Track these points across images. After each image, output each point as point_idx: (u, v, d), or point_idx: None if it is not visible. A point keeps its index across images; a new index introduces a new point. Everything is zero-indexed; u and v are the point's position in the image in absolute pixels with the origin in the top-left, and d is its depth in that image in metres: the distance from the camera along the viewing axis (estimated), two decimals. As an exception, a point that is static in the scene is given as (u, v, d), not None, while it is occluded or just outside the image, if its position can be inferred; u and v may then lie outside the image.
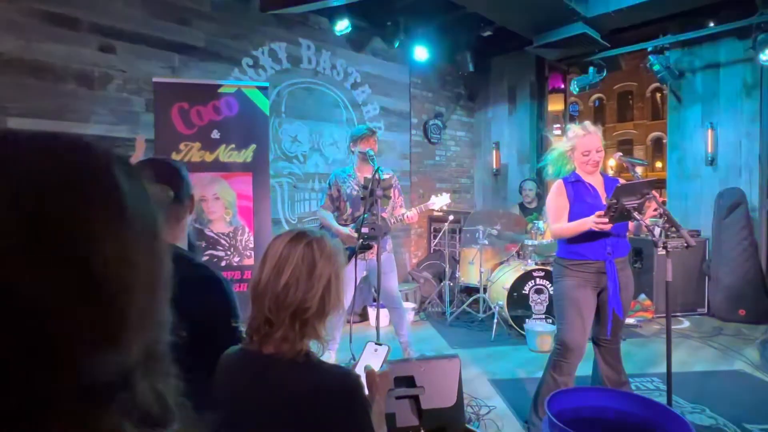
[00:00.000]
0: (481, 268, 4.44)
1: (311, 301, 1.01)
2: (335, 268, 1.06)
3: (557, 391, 1.87)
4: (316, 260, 1.03)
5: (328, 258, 1.05)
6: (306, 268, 1.01)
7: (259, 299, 1.02)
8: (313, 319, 1.01)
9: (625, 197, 2.02)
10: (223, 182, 3.27)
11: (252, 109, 3.33)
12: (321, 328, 1.04)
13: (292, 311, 0.99)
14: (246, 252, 3.32)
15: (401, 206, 3.50)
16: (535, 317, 4.04)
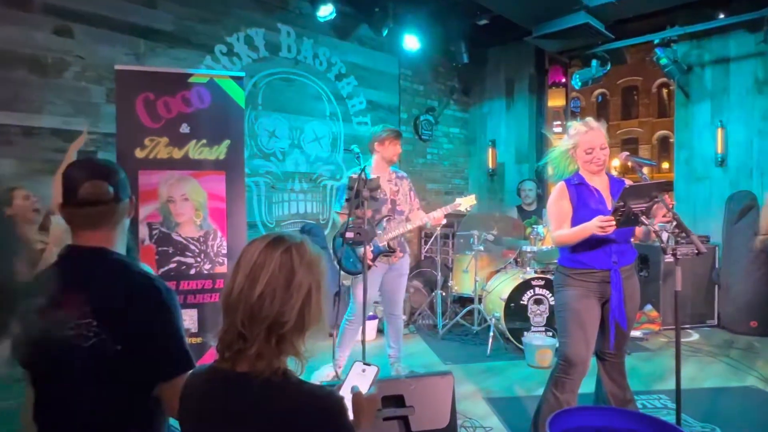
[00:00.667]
0: (476, 276, 4.46)
1: (289, 314, 1.00)
2: (316, 278, 1.05)
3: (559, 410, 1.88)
4: (295, 268, 1.02)
5: (309, 266, 1.04)
6: (283, 277, 1.00)
7: (231, 311, 1.00)
8: (291, 334, 1.00)
9: (633, 200, 2.03)
10: (193, 181, 3.22)
11: (225, 101, 3.29)
12: (300, 343, 1.03)
13: (267, 325, 0.98)
14: (218, 259, 3.28)
15: (418, 208, 3.51)
16: (534, 330, 4.06)
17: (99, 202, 1.24)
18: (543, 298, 4.10)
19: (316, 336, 1.06)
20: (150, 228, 3.11)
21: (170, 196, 3.16)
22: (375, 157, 3.38)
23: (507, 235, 4.80)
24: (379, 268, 3.30)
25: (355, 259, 3.29)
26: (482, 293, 4.56)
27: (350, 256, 3.28)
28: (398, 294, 3.42)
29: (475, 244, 4.46)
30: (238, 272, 1.02)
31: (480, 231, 4.49)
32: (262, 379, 0.99)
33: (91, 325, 1.15)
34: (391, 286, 3.37)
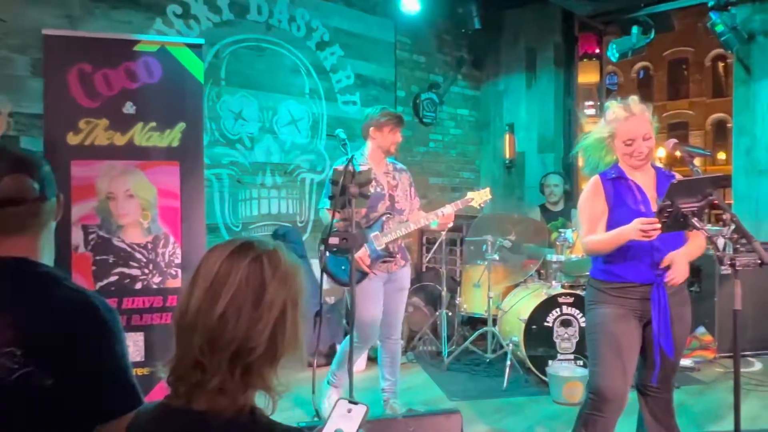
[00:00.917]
0: (490, 292, 4.47)
1: (258, 338, 0.99)
2: (293, 294, 1.05)
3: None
4: (265, 282, 1.02)
5: (283, 279, 1.04)
6: (252, 292, 1.00)
7: (186, 335, 1.00)
8: (260, 363, 1.00)
9: (682, 198, 2.05)
10: (140, 174, 3.21)
11: (180, 75, 3.28)
12: (271, 375, 1.03)
13: (231, 352, 0.98)
14: (170, 270, 3.27)
15: (419, 208, 3.58)
16: (561, 358, 4.08)
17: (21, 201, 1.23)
18: (572, 319, 4.12)
19: (291, 366, 1.06)
20: (85, 232, 3.09)
21: (111, 192, 3.14)
22: (369, 145, 3.41)
23: (528, 241, 4.81)
24: (378, 278, 3.31)
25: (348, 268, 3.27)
26: (497, 313, 4.57)
27: (343, 262, 3.28)
28: (398, 312, 3.45)
29: (489, 253, 4.47)
30: (195, 286, 1.02)
31: (494, 236, 4.50)
32: (224, 419, 0.98)
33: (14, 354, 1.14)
34: (389, 303, 3.38)
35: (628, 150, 2.37)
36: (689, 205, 2.06)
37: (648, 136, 2.37)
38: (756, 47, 5.27)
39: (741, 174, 5.39)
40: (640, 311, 2.36)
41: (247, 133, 4.73)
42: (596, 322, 2.40)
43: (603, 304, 2.39)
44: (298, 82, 5.08)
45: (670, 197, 2.04)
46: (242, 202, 4.72)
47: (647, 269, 2.33)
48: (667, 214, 2.07)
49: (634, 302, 2.35)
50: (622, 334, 2.34)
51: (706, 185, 2.08)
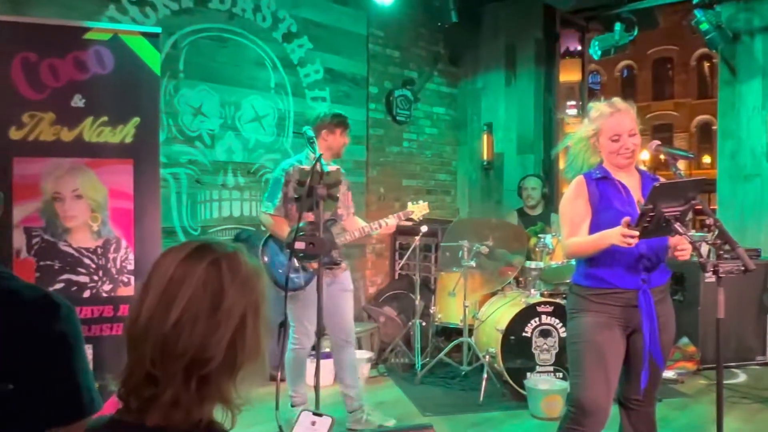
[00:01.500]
0: (466, 301, 4.50)
1: (215, 348, 0.99)
2: (254, 300, 1.05)
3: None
4: (224, 287, 1.01)
5: (244, 284, 1.04)
6: (209, 298, 1.00)
7: (138, 345, 1.00)
8: (218, 374, 1.00)
9: (664, 202, 2.09)
10: (89, 173, 3.17)
11: (135, 66, 3.24)
12: (230, 388, 1.02)
13: (186, 363, 0.98)
14: (122, 277, 3.23)
15: (353, 213, 3.72)
16: (540, 370, 4.12)
17: None
18: (551, 330, 4.17)
19: (252, 378, 1.06)
20: (28, 235, 3.04)
21: (57, 192, 3.10)
22: (319, 146, 3.49)
23: (506, 247, 4.85)
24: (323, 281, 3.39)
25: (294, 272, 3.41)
26: (473, 323, 4.61)
27: (280, 265, 3.41)
28: (348, 314, 3.58)
29: (465, 259, 4.51)
30: (147, 292, 1.02)
31: (471, 242, 4.54)
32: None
33: None
34: (337, 304, 3.52)
35: (615, 147, 2.41)
36: (672, 210, 2.11)
37: (633, 132, 2.42)
38: (741, 47, 5.41)
39: (725, 178, 5.53)
40: (624, 319, 2.40)
41: (208, 129, 4.69)
42: (578, 331, 2.44)
43: (585, 311, 2.43)
44: (263, 76, 5.05)
45: (652, 201, 2.08)
46: (202, 204, 4.67)
47: (633, 275, 2.37)
48: (649, 219, 2.11)
49: (618, 309, 2.39)
50: (606, 344, 2.38)
51: (690, 189, 2.13)
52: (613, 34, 5.59)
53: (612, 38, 5.59)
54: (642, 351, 2.38)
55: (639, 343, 2.40)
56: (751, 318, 4.96)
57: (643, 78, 29.38)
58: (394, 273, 6.15)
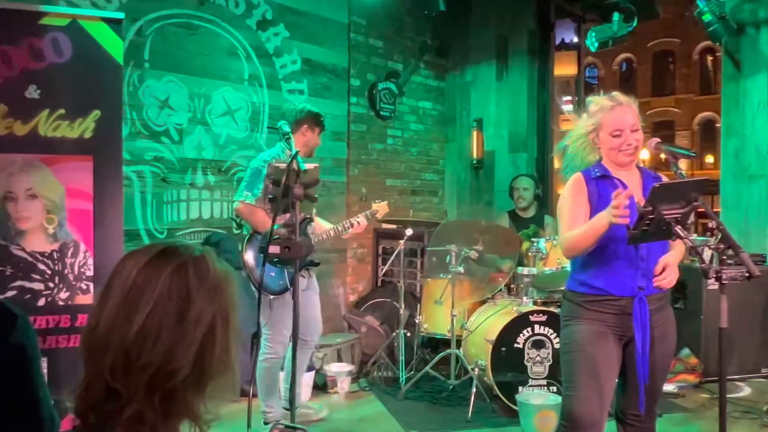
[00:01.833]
0: (454, 309, 4.51)
1: (181, 359, 0.99)
2: (223, 308, 1.05)
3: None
4: (191, 294, 1.02)
5: (212, 291, 1.04)
6: (174, 306, 1.00)
7: (97, 355, 0.99)
8: (184, 388, 1.00)
9: (664, 204, 2.11)
10: (45, 170, 3.16)
11: (95, 55, 3.24)
12: (197, 402, 1.02)
13: (150, 375, 0.98)
14: (80, 284, 3.23)
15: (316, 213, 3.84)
16: (532, 384, 4.14)
17: None
18: (545, 340, 4.19)
19: (221, 392, 1.06)
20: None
21: (9, 191, 3.09)
22: (296, 140, 3.60)
23: (496, 251, 4.87)
24: (302, 285, 3.54)
25: (279, 274, 3.50)
26: (462, 333, 4.61)
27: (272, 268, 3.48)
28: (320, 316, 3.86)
29: (453, 265, 4.52)
30: (107, 299, 1.01)
31: (459, 246, 4.55)
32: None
33: None
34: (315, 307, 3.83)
35: (615, 143, 2.44)
36: (672, 212, 2.13)
37: (636, 128, 2.45)
38: (746, 40, 5.48)
39: (729, 178, 5.59)
40: (620, 328, 2.43)
41: (175, 124, 4.65)
42: (571, 340, 2.46)
43: (579, 320, 2.45)
44: (236, 67, 5.03)
45: (651, 203, 2.10)
46: (168, 205, 4.63)
47: (630, 281, 2.40)
48: (649, 221, 2.13)
49: (613, 318, 2.41)
50: (600, 355, 2.40)
51: (691, 190, 2.15)
52: (611, 25, 5.63)
53: (610, 29, 5.62)
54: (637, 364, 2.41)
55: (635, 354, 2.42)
56: (756, 327, 5.02)
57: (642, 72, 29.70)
58: (376, 279, 6.15)
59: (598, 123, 2.48)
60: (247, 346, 4.29)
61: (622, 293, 2.40)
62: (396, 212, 6.38)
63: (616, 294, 2.41)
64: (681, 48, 28.44)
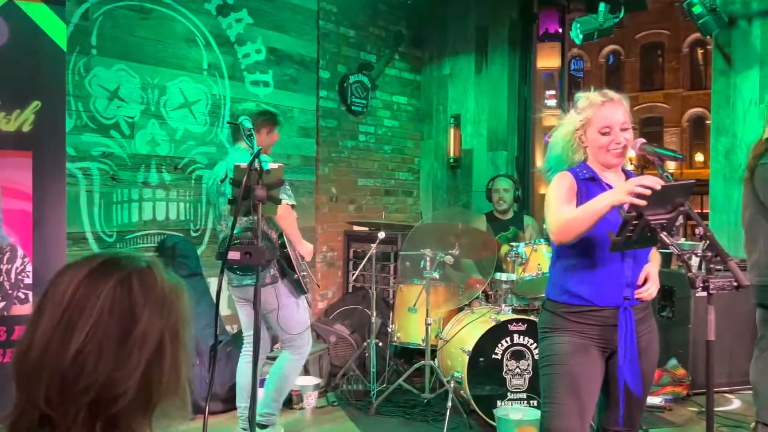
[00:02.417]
0: (429, 318, 4.50)
1: (126, 382, 0.98)
2: (172, 324, 1.05)
3: None
4: (135, 310, 1.01)
5: (160, 305, 1.04)
6: (117, 323, 0.99)
7: (30, 380, 0.98)
8: (129, 413, 0.99)
9: (650, 208, 2.11)
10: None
11: (35, 40, 3.20)
12: (144, 428, 1.02)
13: (90, 401, 0.96)
14: (18, 293, 3.19)
15: None
16: (511, 398, 4.14)
17: None
18: (525, 351, 4.19)
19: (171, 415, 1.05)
20: None
21: (-62, 189, 3.04)
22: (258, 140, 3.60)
23: (474, 256, 4.86)
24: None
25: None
26: (437, 343, 4.61)
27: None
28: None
29: (428, 270, 4.51)
30: (41, 316, 1.00)
31: (434, 250, 4.55)
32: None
33: None
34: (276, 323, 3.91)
35: (604, 141, 2.43)
36: (658, 217, 2.13)
37: (626, 126, 2.44)
38: (737, 33, 5.54)
39: (719, 179, 5.65)
40: (603, 340, 2.44)
41: (126, 117, 4.61)
42: (551, 353, 2.46)
43: (560, 331, 2.46)
44: (194, 55, 4.99)
45: (635, 207, 2.09)
46: (118, 206, 4.59)
47: (615, 290, 2.41)
48: (633, 227, 2.12)
49: (596, 330, 2.42)
50: (581, 369, 2.41)
51: (678, 194, 2.15)
52: (596, 16, 5.66)
53: (595, 20, 5.65)
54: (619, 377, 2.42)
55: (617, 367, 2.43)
56: (746, 338, 5.05)
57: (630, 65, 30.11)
58: (347, 286, 6.13)
59: (586, 119, 2.47)
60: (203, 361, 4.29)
61: (606, 303, 2.41)
62: (368, 214, 6.40)
63: (599, 304, 2.41)
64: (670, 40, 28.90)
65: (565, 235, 2.36)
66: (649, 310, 2.55)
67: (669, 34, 28.58)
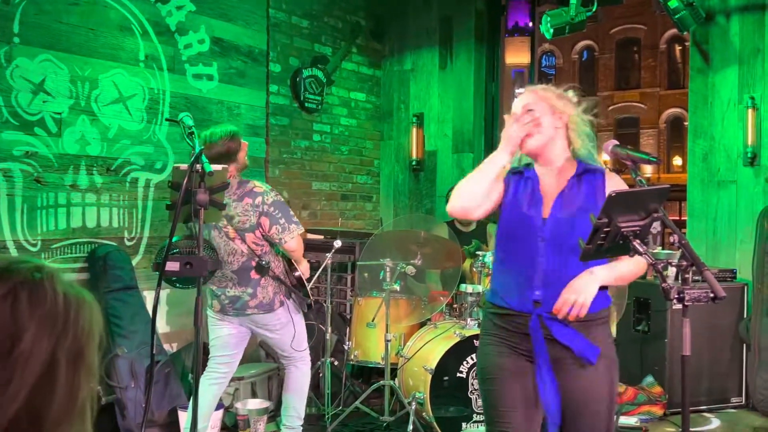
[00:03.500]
0: (388, 333, 4.49)
1: (6, 409, 0.94)
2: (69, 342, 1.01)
3: None
4: (19, 325, 0.97)
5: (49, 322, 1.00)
6: None
7: None
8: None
9: (622, 215, 2.13)
10: None
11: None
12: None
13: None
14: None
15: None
16: (477, 419, 4.14)
17: None
18: (492, 369, 4.21)
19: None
20: None
21: None
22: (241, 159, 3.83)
23: (438, 266, 4.86)
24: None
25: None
26: (397, 361, 4.60)
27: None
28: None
29: (388, 282, 4.50)
30: None
31: (395, 260, 4.54)
32: None
33: None
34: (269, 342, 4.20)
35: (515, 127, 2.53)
36: (631, 224, 2.15)
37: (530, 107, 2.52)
38: (715, 30, 5.66)
39: (696, 184, 5.76)
40: (526, 350, 2.46)
41: (53, 112, 4.52)
42: (481, 364, 2.56)
43: (487, 336, 2.55)
44: (129, 45, 4.92)
45: (606, 213, 2.11)
46: (43, 211, 4.49)
47: (523, 290, 2.44)
48: (604, 235, 2.14)
49: (516, 336, 2.47)
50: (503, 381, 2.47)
51: (651, 199, 2.18)
52: (567, 9, 5.72)
53: (567, 14, 5.71)
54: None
55: None
56: (726, 351, 5.17)
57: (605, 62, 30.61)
58: (299, 299, 6.08)
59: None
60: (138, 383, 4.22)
61: (519, 307, 2.45)
62: (323, 220, 6.37)
63: (515, 308, 2.46)
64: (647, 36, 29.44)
65: (459, 199, 2.55)
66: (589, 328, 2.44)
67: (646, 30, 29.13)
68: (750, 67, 5.49)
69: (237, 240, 3.69)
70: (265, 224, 3.68)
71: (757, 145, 5.43)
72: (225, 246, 3.71)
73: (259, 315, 3.78)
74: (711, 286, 2.00)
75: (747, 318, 5.18)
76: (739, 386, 5.21)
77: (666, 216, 2.18)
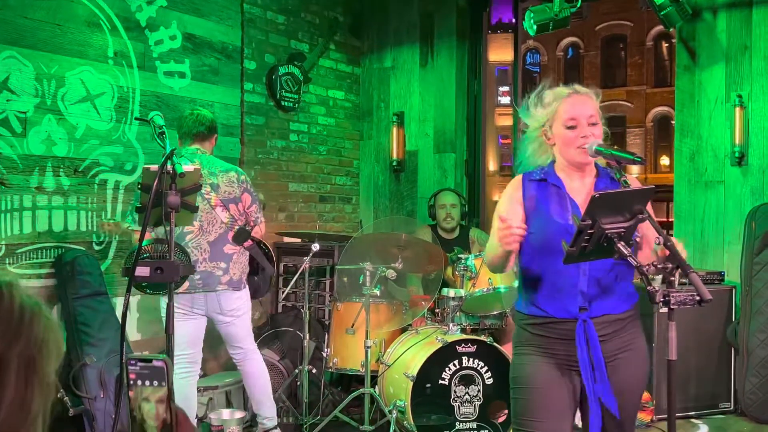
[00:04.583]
0: (368, 340, 4.49)
1: None
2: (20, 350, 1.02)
3: None
4: None
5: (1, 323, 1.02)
6: None
7: None
8: None
9: (605, 216, 2.15)
10: None
11: None
12: None
13: None
14: None
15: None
16: (460, 428, 4.16)
17: None
18: (475, 375, 4.22)
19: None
20: None
21: None
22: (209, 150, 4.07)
23: (419, 270, 4.87)
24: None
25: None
26: (378, 368, 4.60)
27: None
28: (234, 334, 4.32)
29: (368, 286, 4.50)
30: None
31: (375, 264, 4.54)
32: None
33: None
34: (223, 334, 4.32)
35: (570, 136, 2.49)
36: (615, 226, 2.16)
37: (594, 121, 2.50)
38: (702, 26, 5.72)
39: (683, 185, 5.80)
40: (568, 357, 2.47)
41: (17, 111, 4.48)
42: (516, 374, 2.55)
43: (524, 347, 2.54)
44: (98, 42, 4.89)
45: (590, 215, 2.13)
46: (7, 215, 4.45)
47: (568, 299, 2.46)
48: (588, 237, 2.15)
49: (558, 344, 2.48)
50: (547, 391, 2.47)
51: (635, 200, 2.20)
52: (551, 5, 5.75)
53: (550, 10, 5.73)
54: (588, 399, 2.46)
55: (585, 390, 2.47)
56: (714, 356, 5.21)
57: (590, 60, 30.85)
58: (276, 304, 6.07)
59: (552, 113, 2.54)
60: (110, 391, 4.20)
61: (562, 314, 2.47)
62: (301, 223, 6.36)
63: (556, 316, 2.47)
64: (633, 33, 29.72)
65: (492, 268, 2.66)
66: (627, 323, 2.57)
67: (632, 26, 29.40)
68: (737, 65, 5.55)
69: (219, 207, 3.92)
70: (247, 200, 4.06)
71: (745, 144, 5.48)
72: (206, 214, 3.90)
73: (227, 293, 3.99)
74: (697, 288, 2.01)
75: (735, 321, 5.23)
76: (728, 391, 5.25)
77: (651, 217, 2.19)
